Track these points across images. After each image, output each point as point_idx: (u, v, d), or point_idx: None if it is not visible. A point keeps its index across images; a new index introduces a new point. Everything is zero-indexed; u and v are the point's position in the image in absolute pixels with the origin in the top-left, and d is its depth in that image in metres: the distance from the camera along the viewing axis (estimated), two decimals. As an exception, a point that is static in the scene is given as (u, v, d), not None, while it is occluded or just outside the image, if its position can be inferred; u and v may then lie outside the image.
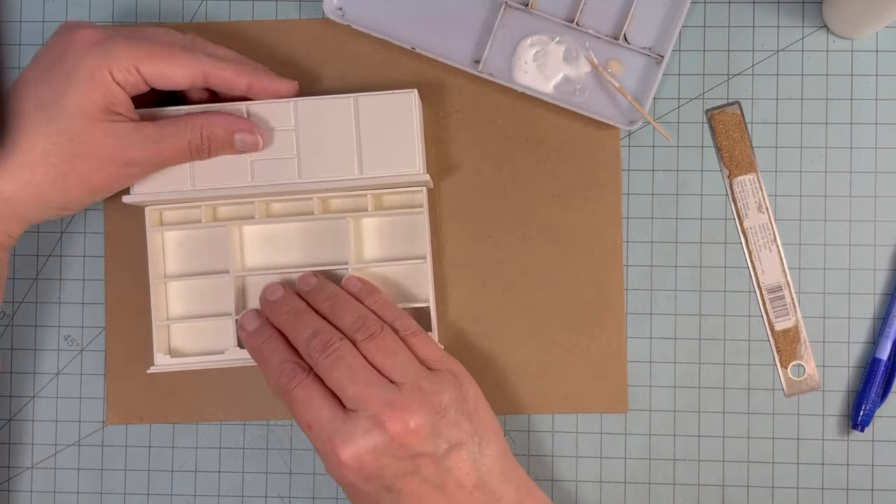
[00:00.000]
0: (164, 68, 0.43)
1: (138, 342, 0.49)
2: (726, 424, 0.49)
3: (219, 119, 0.45)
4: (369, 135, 0.46)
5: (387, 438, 0.39)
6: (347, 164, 0.46)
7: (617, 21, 0.48)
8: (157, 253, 0.48)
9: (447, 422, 0.41)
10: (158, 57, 0.43)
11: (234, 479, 0.50)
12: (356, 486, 0.41)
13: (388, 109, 0.46)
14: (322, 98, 0.46)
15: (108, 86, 0.42)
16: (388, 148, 0.46)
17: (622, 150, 0.49)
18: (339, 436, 0.40)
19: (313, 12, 0.50)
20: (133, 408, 0.50)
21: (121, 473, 0.50)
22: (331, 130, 0.46)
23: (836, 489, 0.48)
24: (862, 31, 0.48)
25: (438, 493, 0.40)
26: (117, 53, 0.42)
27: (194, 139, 0.44)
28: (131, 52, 0.42)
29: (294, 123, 0.46)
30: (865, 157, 0.49)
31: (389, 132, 0.46)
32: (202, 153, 0.45)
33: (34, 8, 0.51)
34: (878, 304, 0.49)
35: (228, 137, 0.45)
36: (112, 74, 0.42)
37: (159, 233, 0.48)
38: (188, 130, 0.44)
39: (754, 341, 0.49)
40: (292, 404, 0.41)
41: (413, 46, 0.48)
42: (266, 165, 0.46)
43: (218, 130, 0.44)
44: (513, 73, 0.48)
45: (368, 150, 0.46)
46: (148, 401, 0.49)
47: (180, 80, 0.43)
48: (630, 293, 0.49)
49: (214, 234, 0.48)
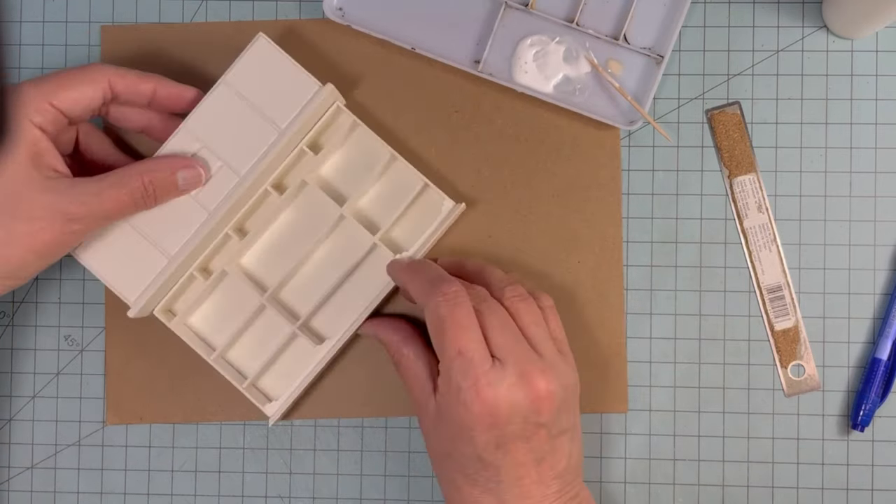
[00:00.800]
0: (72, 91, 0.42)
1: (138, 342, 0.49)
2: (726, 424, 0.49)
3: (158, 163, 0.44)
4: (261, 97, 0.46)
5: (527, 397, 0.39)
6: (264, 133, 0.46)
7: (617, 21, 0.48)
8: (195, 340, 0.48)
9: (567, 405, 0.41)
10: (65, 83, 0.42)
11: (234, 479, 0.50)
12: (469, 432, 0.39)
13: (257, 68, 0.46)
14: (203, 102, 0.46)
15: (30, 132, 0.40)
16: (283, 89, 0.46)
17: (622, 150, 0.49)
18: (486, 377, 0.39)
19: (313, 12, 0.50)
20: (133, 408, 0.50)
21: (121, 473, 0.50)
22: (230, 120, 0.46)
23: (837, 489, 0.48)
24: (862, 31, 0.48)
25: (534, 468, 0.40)
26: (26, 95, 0.41)
27: (136, 187, 0.43)
28: (37, 89, 0.41)
29: (200, 139, 0.46)
30: (865, 157, 0.49)
31: (272, 81, 0.46)
32: (147, 200, 0.44)
33: (34, 8, 0.51)
34: (878, 305, 0.49)
35: (171, 178, 0.44)
36: (31, 120, 0.41)
37: (183, 325, 0.48)
38: (129, 179, 0.43)
39: (754, 341, 0.49)
40: (451, 323, 0.40)
41: (413, 46, 0.48)
42: (207, 192, 0.46)
43: (159, 174, 0.44)
44: (513, 73, 0.48)
45: (270, 108, 0.46)
46: (148, 401, 0.49)
47: (91, 96, 0.43)
48: (630, 293, 0.49)
49: (227, 287, 0.48)
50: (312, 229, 0.48)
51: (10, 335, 0.50)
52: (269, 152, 0.45)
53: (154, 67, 0.49)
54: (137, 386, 0.49)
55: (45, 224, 0.41)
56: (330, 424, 0.50)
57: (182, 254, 0.45)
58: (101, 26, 0.50)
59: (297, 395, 0.47)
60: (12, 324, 0.50)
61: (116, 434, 0.50)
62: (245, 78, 0.46)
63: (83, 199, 0.41)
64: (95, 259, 0.46)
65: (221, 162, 0.46)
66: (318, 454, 0.50)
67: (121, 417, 0.50)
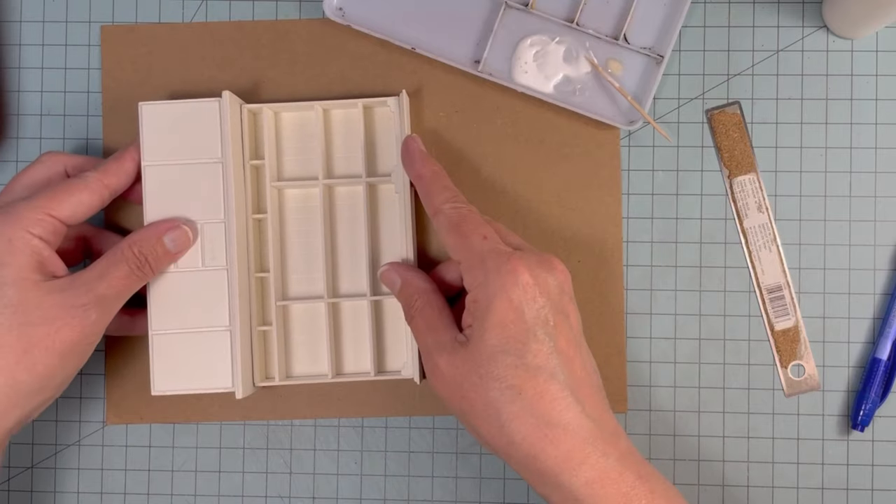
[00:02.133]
0: (72, 202, 0.42)
1: (138, 342, 0.49)
2: (726, 424, 0.49)
3: (142, 233, 0.44)
4: (185, 150, 0.46)
5: (555, 273, 0.41)
6: (212, 174, 0.46)
7: (617, 21, 0.48)
8: (311, 378, 0.48)
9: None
10: (61, 194, 0.42)
11: (234, 479, 0.50)
12: (518, 311, 0.39)
13: (160, 131, 0.46)
14: (145, 190, 0.45)
15: (30, 243, 0.41)
16: (194, 128, 0.46)
17: (622, 150, 0.49)
18: (515, 256, 0.40)
19: (313, 12, 0.50)
20: (133, 408, 0.50)
21: (121, 473, 0.50)
22: (178, 184, 0.46)
23: (837, 489, 0.48)
24: (862, 31, 0.48)
25: (576, 351, 0.40)
26: (23, 211, 0.41)
27: (131, 260, 0.43)
28: (34, 203, 0.42)
29: (166, 214, 0.46)
30: (865, 157, 0.49)
31: (180, 130, 0.46)
32: (145, 271, 0.44)
33: (34, 8, 0.51)
34: (878, 304, 0.49)
35: (159, 243, 0.44)
36: (30, 231, 0.41)
37: (290, 378, 0.48)
38: (122, 256, 0.43)
39: (754, 341, 0.49)
40: (470, 220, 0.42)
41: (413, 46, 0.48)
42: (208, 254, 0.46)
43: (147, 242, 0.44)
44: (513, 72, 0.48)
45: (199, 151, 0.46)
46: (148, 401, 0.49)
47: (89, 203, 0.43)
48: (630, 293, 0.49)
49: (295, 320, 0.49)
50: (313, 221, 0.48)
51: (10, 335, 0.50)
52: (227, 185, 0.45)
53: (154, 68, 0.49)
54: (137, 386, 0.49)
55: (62, 322, 0.41)
56: (330, 424, 0.50)
57: (235, 317, 0.45)
58: (101, 26, 0.50)
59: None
60: (12, 324, 0.50)
61: (116, 434, 0.50)
62: (158, 146, 0.45)
63: (88, 287, 0.42)
64: (171, 380, 0.45)
65: (202, 220, 0.45)
66: (318, 454, 0.50)
67: (121, 417, 0.50)
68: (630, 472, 0.38)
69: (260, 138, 0.48)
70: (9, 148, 0.50)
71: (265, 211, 0.47)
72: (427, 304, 0.43)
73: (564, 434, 0.38)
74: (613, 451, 0.38)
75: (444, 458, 0.49)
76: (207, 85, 0.49)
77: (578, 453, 0.38)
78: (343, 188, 0.48)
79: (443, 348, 0.40)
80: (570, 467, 0.38)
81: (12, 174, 0.50)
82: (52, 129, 0.50)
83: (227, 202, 0.45)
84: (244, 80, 0.50)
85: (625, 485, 0.38)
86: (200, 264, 0.45)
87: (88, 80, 0.50)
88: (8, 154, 0.50)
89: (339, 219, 0.49)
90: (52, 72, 0.50)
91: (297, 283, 0.48)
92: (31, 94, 0.50)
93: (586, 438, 0.38)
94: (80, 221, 0.44)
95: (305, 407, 0.49)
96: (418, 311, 0.43)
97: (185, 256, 0.45)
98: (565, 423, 0.38)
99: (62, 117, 0.50)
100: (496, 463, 0.49)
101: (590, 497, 0.38)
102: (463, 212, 0.42)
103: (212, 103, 0.46)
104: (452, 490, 0.49)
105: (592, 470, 0.38)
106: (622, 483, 0.38)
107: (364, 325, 0.48)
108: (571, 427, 0.38)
